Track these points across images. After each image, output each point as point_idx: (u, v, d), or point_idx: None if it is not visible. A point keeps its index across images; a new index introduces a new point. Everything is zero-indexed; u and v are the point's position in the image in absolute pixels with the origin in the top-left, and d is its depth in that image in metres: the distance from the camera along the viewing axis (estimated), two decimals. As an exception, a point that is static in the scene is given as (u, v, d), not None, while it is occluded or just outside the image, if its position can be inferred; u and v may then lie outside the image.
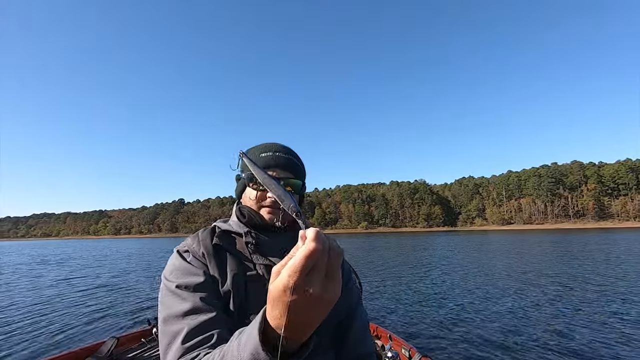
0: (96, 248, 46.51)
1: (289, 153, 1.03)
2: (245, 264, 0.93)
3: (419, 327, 6.54)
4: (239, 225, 1.00)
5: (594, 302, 8.13)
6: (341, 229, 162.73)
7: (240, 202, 1.05)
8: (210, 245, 0.94)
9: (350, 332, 0.97)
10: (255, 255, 0.95)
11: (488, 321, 6.79)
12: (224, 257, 0.93)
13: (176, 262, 0.91)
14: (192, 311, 0.79)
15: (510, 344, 5.54)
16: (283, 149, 1.03)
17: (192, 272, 0.88)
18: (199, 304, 0.81)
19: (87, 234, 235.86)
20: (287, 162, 1.00)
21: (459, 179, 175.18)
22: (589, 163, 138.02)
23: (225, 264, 0.92)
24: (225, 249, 0.95)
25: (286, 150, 1.03)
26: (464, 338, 5.88)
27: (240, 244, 0.97)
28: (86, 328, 6.85)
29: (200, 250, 0.93)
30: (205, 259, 0.92)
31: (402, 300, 8.93)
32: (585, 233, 56.43)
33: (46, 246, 63.47)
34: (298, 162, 1.04)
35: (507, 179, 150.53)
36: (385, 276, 13.32)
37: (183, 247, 0.96)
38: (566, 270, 13.32)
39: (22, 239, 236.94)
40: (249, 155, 1.00)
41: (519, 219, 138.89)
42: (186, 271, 0.88)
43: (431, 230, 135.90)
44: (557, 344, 5.48)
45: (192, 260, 0.91)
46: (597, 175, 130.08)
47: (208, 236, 0.98)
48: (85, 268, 19.24)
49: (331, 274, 0.50)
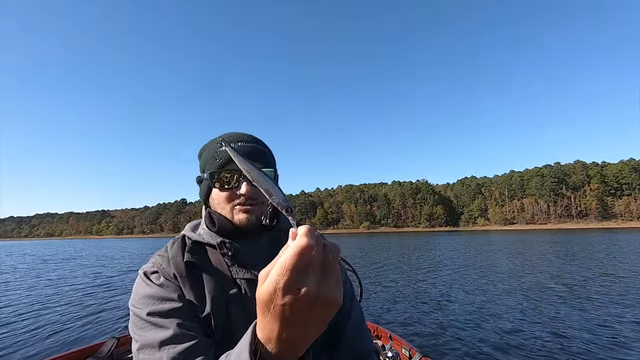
0: (98, 248, 46.67)
1: (254, 141, 0.92)
2: (224, 281, 0.82)
3: (419, 327, 6.52)
4: (211, 235, 0.89)
5: (596, 303, 8.07)
6: (343, 229, 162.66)
7: (209, 207, 0.93)
8: (182, 265, 0.82)
9: (345, 331, 0.89)
10: (234, 268, 0.85)
11: (488, 321, 6.76)
12: (199, 276, 0.82)
13: (144, 287, 0.80)
14: (170, 340, 0.70)
15: (510, 344, 5.52)
16: (246, 137, 0.91)
17: (164, 296, 0.77)
18: (177, 331, 0.72)
19: (89, 234, 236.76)
20: (254, 151, 0.88)
21: (461, 179, 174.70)
22: (592, 163, 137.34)
23: (201, 284, 0.81)
24: (200, 266, 0.84)
25: (250, 138, 0.92)
26: (464, 338, 5.86)
27: (215, 257, 0.86)
28: (86, 328, 6.85)
29: (172, 271, 0.81)
30: (179, 280, 0.80)
31: (402, 300, 8.90)
32: (588, 233, 56.19)
33: (49, 246, 63.73)
34: (266, 150, 0.93)
35: (510, 178, 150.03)
36: (386, 276, 13.28)
37: (150, 268, 0.84)
38: (568, 271, 13.26)
39: (25, 239, 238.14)
40: (207, 147, 0.92)
41: (521, 219, 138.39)
42: (157, 296, 0.77)
43: (433, 230, 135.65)
44: (557, 345, 5.45)
45: (163, 282, 0.80)
46: (600, 175, 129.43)
47: (179, 252, 0.86)
48: (86, 268, 19.29)
49: (329, 272, 0.44)
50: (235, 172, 0.84)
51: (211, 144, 0.91)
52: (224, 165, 0.85)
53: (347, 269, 1.34)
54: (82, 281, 13.64)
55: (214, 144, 0.90)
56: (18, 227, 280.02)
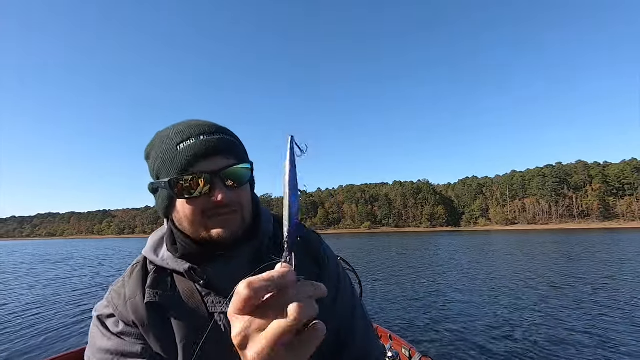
0: (99, 248, 46.79)
1: (219, 131, 0.68)
2: (198, 320, 0.65)
3: (419, 327, 6.51)
4: (176, 261, 0.69)
5: (597, 304, 8.05)
6: (344, 229, 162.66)
7: (171, 220, 0.71)
8: (142, 308, 0.65)
9: (349, 348, 0.75)
10: (209, 298, 0.67)
11: (488, 322, 6.75)
12: (166, 319, 0.66)
13: (99, 337, 0.66)
14: None
15: (509, 344, 5.52)
16: (207, 127, 0.67)
17: (124, 351, 0.64)
18: None
19: (91, 234, 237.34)
20: (223, 144, 0.66)
21: (462, 179, 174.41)
22: (594, 163, 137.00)
23: (169, 329, 0.65)
24: (165, 305, 0.66)
25: (213, 128, 0.67)
26: (464, 338, 5.86)
27: (185, 287, 0.68)
28: (86, 328, 6.86)
29: (130, 316, 0.65)
30: (141, 326, 0.65)
31: (402, 300, 8.89)
32: (590, 233, 56.07)
33: (50, 246, 63.93)
34: (235, 140, 0.70)
35: (511, 179, 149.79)
36: (386, 276, 13.26)
37: (106, 309, 0.68)
38: (569, 272, 13.22)
39: (27, 239, 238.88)
40: (155, 146, 0.68)
41: (523, 219, 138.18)
42: (115, 351, 0.64)
43: (434, 230, 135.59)
44: (557, 345, 5.44)
45: (123, 330, 0.65)
46: (602, 175, 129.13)
47: (138, 286, 0.68)
48: (86, 268, 19.35)
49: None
50: (203, 175, 0.62)
51: (162, 140, 0.67)
52: (187, 168, 0.62)
53: (347, 269, 1.32)
54: (81, 281, 13.67)
55: (166, 141, 0.66)
56: (20, 227, 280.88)
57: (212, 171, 0.62)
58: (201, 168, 0.62)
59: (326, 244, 0.83)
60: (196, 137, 0.64)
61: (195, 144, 0.63)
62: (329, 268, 0.78)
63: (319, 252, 0.78)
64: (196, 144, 0.63)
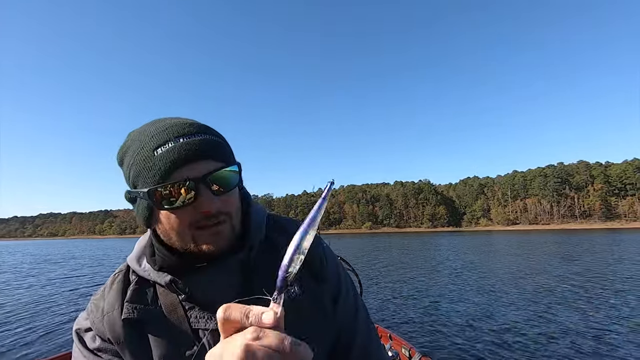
0: (100, 248, 46.87)
1: (202, 131, 0.60)
2: (180, 337, 0.60)
3: (419, 327, 6.48)
4: (157, 273, 0.63)
5: (599, 305, 8.00)
6: (345, 229, 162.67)
7: (154, 230, 0.64)
8: (119, 324, 0.60)
9: (351, 342, 0.71)
10: (193, 313, 0.62)
11: (488, 322, 6.73)
12: (144, 336, 0.61)
13: (77, 353, 0.63)
14: None
15: (509, 344, 5.51)
16: (188, 126, 0.59)
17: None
18: None
19: (92, 234, 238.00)
20: (206, 146, 0.58)
21: (463, 179, 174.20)
22: (596, 163, 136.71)
23: (147, 348, 0.60)
24: (145, 321, 0.61)
25: (196, 128, 0.59)
26: (464, 338, 5.84)
27: (168, 300, 0.62)
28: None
29: (106, 333, 0.61)
30: (117, 343, 0.60)
31: (402, 300, 8.87)
32: (592, 234, 55.93)
33: (51, 246, 64.07)
34: (219, 139, 0.63)
35: (513, 179, 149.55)
36: (387, 276, 13.23)
37: (84, 323, 0.64)
38: (570, 272, 13.17)
39: (29, 239, 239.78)
40: (129, 150, 0.60)
41: (524, 219, 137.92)
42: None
43: (436, 230, 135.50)
44: (557, 346, 5.41)
45: (100, 347, 0.61)
46: (604, 175, 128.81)
47: (117, 299, 0.63)
48: (86, 267, 19.39)
49: None
50: (187, 182, 0.55)
51: (136, 144, 0.59)
52: (166, 176, 0.55)
53: (347, 269, 1.27)
54: (81, 281, 13.67)
55: (141, 145, 0.58)
56: (22, 227, 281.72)
57: (195, 177, 0.55)
58: (183, 174, 0.55)
59: (326, 244, 0.80)
60: (175, 140, 0.56)
61: (175, 148, 0.55)
62: (328, 269, 0.74)
63: (317, 253, 0.73)
64: (175, 148, 0.55)
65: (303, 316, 0.62)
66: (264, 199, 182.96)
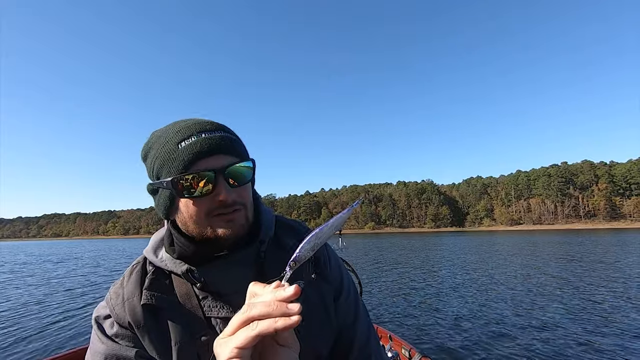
0: (102, 248, 47.05)
1: (219, 128, 0.67)
2: (194, 323, 0.64)
3: (419, 327, 6.45)
4: (174, 262, 0.68)
5: (603, 307, 7.92)
6: (348, 229, 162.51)
7: (172, 221, 0.69)
8: (139, 309, 0.64)
9: (351, 342, 0.75)
10: (206, 302, 0.66)
11: (489, 323, 6.69)
12: (162, 322, 0.65)
13: (96, 339, 0.65)
14: None
15: (510, 345, 5.46)
16: (207, 124, 0.66)
17: (118, 354, 0.63)
18: None
19: (96, 234, 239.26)
20: (225, 142, 0.64)
21: (466, 179, 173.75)
22: (600, 162, 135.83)
23: (165, 332, 0.64)
24: (162, 307, 0.65)
25: (214, 126, 0.66)
26: (464, 338, 5.81)
27: (183, 289, 0.67)
28: (86, 328, 6.86)
29: (126, 318, 0.64)
30: (137, 328, 0.64)
31: (403, 300, 8.84)
32: (597, 234, 55.54)
33: (55, 246, 64.42)
34: (235, 137, 0.69)
35: (516, 178, 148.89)
36: (388, 276, 13.18)
37: (103, 311, 0.68)
38: (574, 273, 13.07)
39: (33, 239, 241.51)
40: (154, 146, 0.66)
41: (528, 220, 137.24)
42: (110, 354, 0.63)
43: (439, 230, 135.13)
44: (558, 347, 5.36)
45: (117, 332, 0.65)
46: (609, 175, 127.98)
47: (136, 288, 0.67)
48: (87, 267, 19.46)
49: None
50: (207, 173, 0.60)
51: (161, 140, 0.65)
52: (189, 166, 0.61)
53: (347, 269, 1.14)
54: (82, 281, 13.71)
55: (166, 140, 0.64)
56: (26, 227, 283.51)
57: (214, 169, 0.61)
58: (204, 166, 0.61)
59: (328, 244, 0.83)
60: (197, 135, 0.62)
61: (197, 141, 0.61)
62: (330, 269, 0.78)
63: (321, 253, 0.78)
64: (198, 142, 0.61)
65: (307, 310, 0.61)
66: (266, 199, 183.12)
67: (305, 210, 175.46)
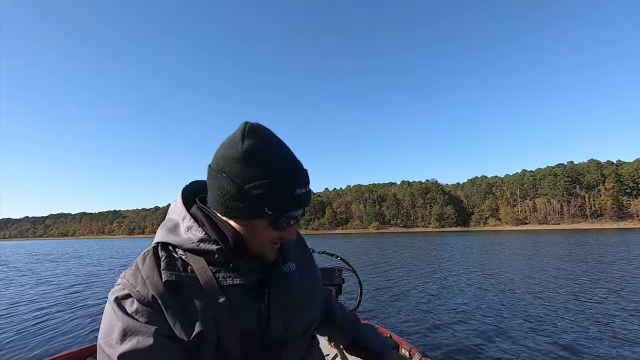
0: (105, 248, 47.28)
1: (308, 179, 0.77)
2: (210, 293, 0.70)
3: (419, 327, 6.36)
4: (205, 242, 0.73)
5: (608, 308, 7.78)
6: (352, 229, 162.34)
7: (226, 218, 0.75)
8: (160, 285, 0.68)
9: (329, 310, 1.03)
10: (221, 274, 0.73)
11: (491, 323, 6.59)
12: (181, 295, 0.69)
13: (115, 317, 0.66)
14: None
15: (511, 346, 5.36)
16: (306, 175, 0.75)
17: (140, 330, 0.64)
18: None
19: (102, 234, 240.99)
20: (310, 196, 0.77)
21: (471, 178, 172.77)
22: (607, 162, 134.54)
23: (184, 304, 0.69)
24: (181, 282, 0.70)
25: (307, 177, 0.76)
26: (465, 338, 5.73)
27: (198, 265, 0.72)
28: (86, 328, 6.80)
29: (149, 293, 0.67)
30: (159, 304, 0.67)
31: (404, 299, 8.74)
32: (603, 234, 54.95)
33: (60, 246, 64.88)
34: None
35: (522, 178, 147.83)
36: (390, 276, 13.07)
37: (121, 291, 0.69)
38: (580, 273, 12.88)
39: (39, 239, 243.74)
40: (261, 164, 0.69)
41: (533, 219, 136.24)
42: (131, 330, 0.64)
43: (443, 230, 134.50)
44: (559, 345, 5.26)
45: (138, 309, 0.66)
46: (616, 174, 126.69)
47: (154, 268, 0.71)
48: (88, 267, 19.49)
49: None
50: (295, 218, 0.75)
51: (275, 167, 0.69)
52: (289, 211, 0.72)
53: (347, 269, 1.38)
54: (83, 280, 13.72)
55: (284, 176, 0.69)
56: (33, 227, 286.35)
57: (298, 218, 0.76)
58: (295, 213, 0.73)
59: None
60: (304, 187, 0.72)
61: (304, 195, 0.72)
62: (308, 251, 0.99)
63: (298, 236, 0.98)
64: (304, 196, 0.72)
65: (301, 287, 0.85)
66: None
67: (309, 209, 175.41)
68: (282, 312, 0.77)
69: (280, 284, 0.80)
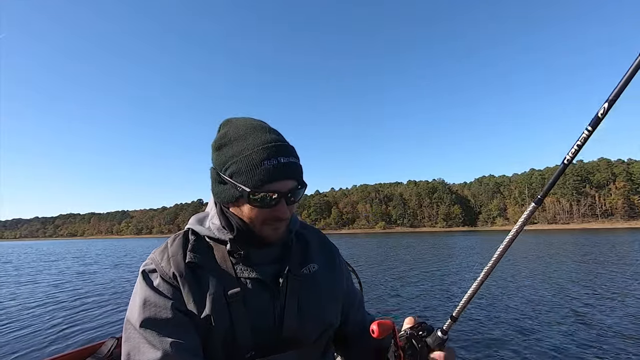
0: (109, 248, 47.66)
1: (293, 154, 0.79)
2: (227, 280, 0.77)
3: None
4: (222, 231, 0.82)
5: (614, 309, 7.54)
6: (358, 229, 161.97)
7: (226, 206, 0.83)
8: (182, 264, 0.77)
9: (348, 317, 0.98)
10: (239, 266, 0.80)
11: (492, 322, 6.49)
12: (200, 276, 0.77)
13: (141, 288, 0.76)
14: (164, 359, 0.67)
15: (513, 345, 5.26)
16: (287, 149, 0.77)
17: (159, 303, 0.73)
18: (170, 352, 0.68)
19: (110, 234, 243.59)
20: (294, 169, 0.77)
21: (478, 177, 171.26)
22: (618, 160, 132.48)
23: (201, 285, 0.76)
24: (202, 265, 0.78)
25: (289, 150, 0.78)
26: (467, 337, 5.67)
27: (220, 254, 0.81)
28: (86, 328, 6.78)
29: (171, 270, 0.76)
30: (178, 281, 0.75)
31: (405, 299, 8.67)
32: (614, 233, 54.05)
33: (68, 245, 65.64)
34: (299, 162, 0.81)
35: (530, 177, 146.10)
36: (392, 275, 12.95)
37: (149, 265, 0.79)
38: (588, 274, 12.58)
39: (49, 239, 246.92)
40: (234, 144, 0.77)
41: (542, 219, 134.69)
42: (152, 302, 0.73)
43: (450, 230, 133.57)
44: (560, 346, 5.12)
45: (159, 284, 0.75)
46: (626, 173, 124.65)
47: (180, 249, 0.80)
48: (88, 266, 19.64)
49: None
50: (276, 193, 0.74)
51: (243, 144, 0.75)
52: (264, 185, 0.73)
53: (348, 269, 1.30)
54: (83, 280, 13.75)
55: (249, 150, 0.74)
56: (43, 227, 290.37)
57: (282, 192, 0.74)
58: (275, 188, 0.73)
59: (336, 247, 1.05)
60: (278, 158, 0.73)
61: (278, 166, 0.72)
62: (340, 257, 1.02)
63: (329, 245, 1.02)
64: (278, 166, 0.72)
65: (319, 290, 0.88)
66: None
67: (316, 209, 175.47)
68: (296, 312, 0.81)
69: (297, 284, 0.83)
